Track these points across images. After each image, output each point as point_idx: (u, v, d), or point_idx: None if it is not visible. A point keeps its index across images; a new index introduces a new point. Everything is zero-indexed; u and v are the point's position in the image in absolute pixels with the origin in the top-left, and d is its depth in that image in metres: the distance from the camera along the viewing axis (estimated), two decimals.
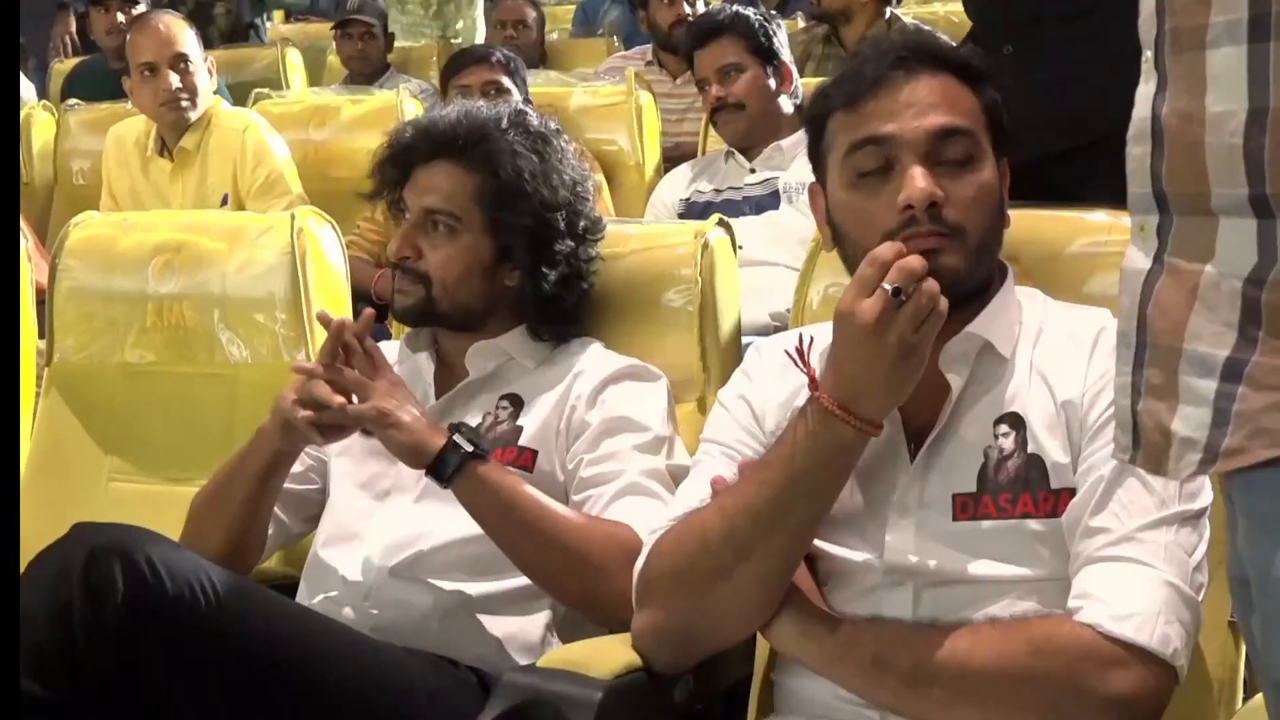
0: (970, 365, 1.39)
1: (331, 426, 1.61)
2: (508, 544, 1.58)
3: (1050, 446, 1.36)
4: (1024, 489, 1.35)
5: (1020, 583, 1.35)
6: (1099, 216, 1.72)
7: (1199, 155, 0.85)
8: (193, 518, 1.74)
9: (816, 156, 1.46)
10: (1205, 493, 1.33)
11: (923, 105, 1.37)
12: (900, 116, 1.37)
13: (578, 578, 1.57)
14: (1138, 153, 0.91)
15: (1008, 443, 1.37)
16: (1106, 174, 1.17)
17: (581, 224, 1.80)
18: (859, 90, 1.39)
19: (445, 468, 1.56)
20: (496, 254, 1.76)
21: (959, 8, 4.47)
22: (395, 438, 1.57)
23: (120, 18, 4.56)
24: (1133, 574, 1.27)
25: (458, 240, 1.75)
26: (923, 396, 1.39)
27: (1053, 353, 1.40)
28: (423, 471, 1.58)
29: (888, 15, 3.84)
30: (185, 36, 3.27)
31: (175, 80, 3.21)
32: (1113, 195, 1.08)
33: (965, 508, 1.36)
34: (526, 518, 1.56)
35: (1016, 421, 1.37)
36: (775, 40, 3.03)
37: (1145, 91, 0.91)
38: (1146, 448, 0.92)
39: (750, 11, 3.07)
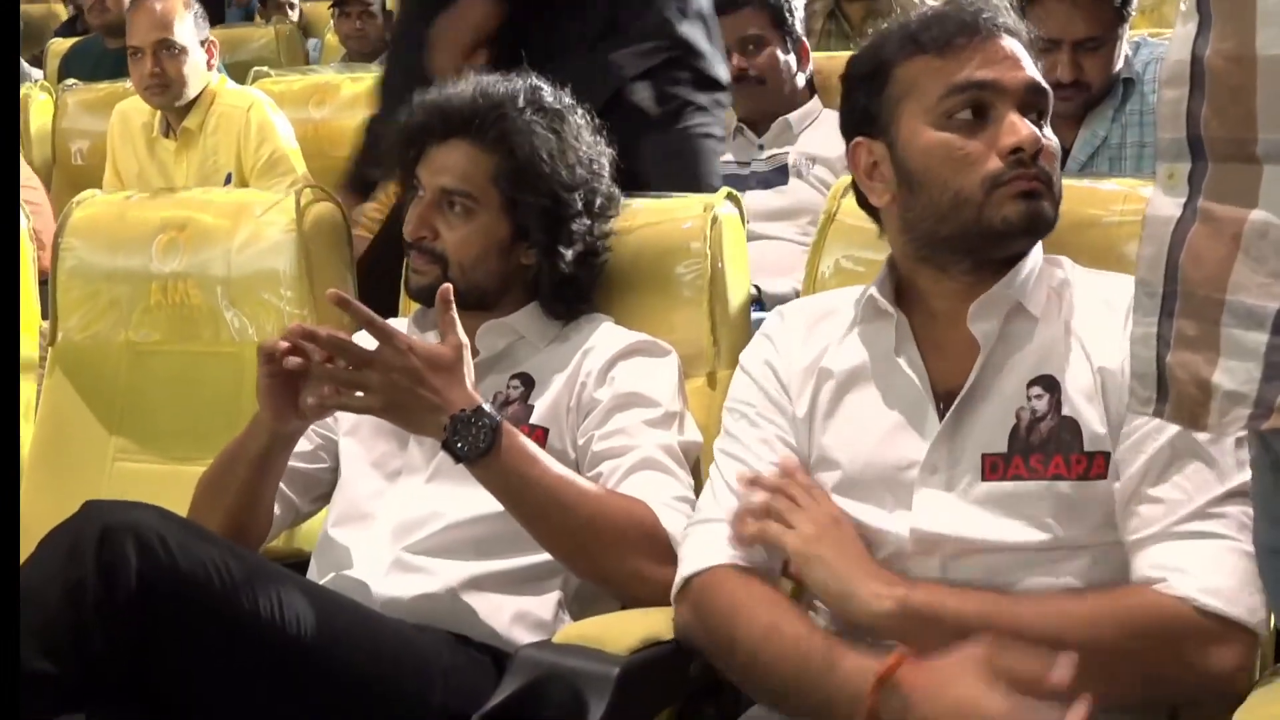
0: (999, 323, 1.40)
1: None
2: (526, 520, 1.57)
3: (1086, 410, 1.35)
4: (1056, 450, 1.35)
5: (1050, 549, 1.34)
6: (1110, 186, 1.71)
7: (1247, 99, 0.83)
8: (197, 499, 1.73)
9: (876, 105, 1.46)
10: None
11: (1014, 59, 1.42)
12: (999, 66, 1.41)
13: (594, 555, 1.56)
14: (1172, 96, 0.89)
15: (1041, 404, 1.37)
16: None
17: (598, 201, 1.79)
18: (955, 37, 1.42)
19: (454, 455, 1.52)
20: (513, 233, 1.75)
21: None
22: (400, 421, 1.56)
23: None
24: (1215, 548, 1.28)
25: (474, 220, 1.73)
26: (953, 356, 1.41)
27: (1087, 317, 1.40)
28: (437, 453, 1.56)
29: None
30: (177, 21, 3.25)
31: (151, 66, 3.19)
32: None
33: (995, 468, 1.36)
34: (545, 495, 1.54)
35: (1051, 384, 1.37)
36: (796, 16, 3.01)
37: (1184, 33, 0.88)
38: (1178, 401, 0.90)
39: None
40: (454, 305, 1.57)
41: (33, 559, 1.40)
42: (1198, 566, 1.27)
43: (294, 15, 5.70)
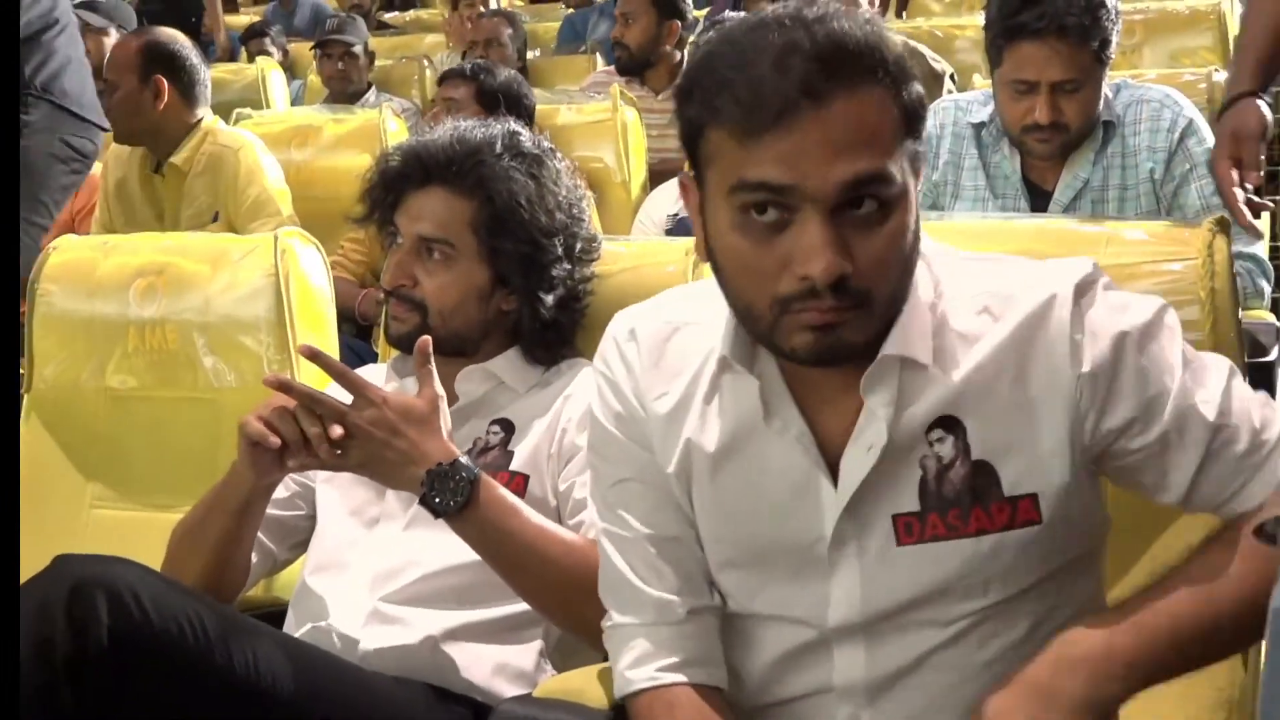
0: (896, 386, 1.21)
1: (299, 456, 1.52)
2: (505, 574, 1.55)
3: (997, 449, 1.20)
4: (974, 502, 1.20)
5: (991, 609, 1.23)
6: (1093, 228, 1.71)
7: None
8: (173, 547, 1.70)
9: (692, 152, 1.20)
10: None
11: (834, 146, 1.11)
12: (804, 161, 1.11)
13: (574, 603, 1.53)
14: None
15: (945, 449, 1.21)
16: None
17: (578, 245, 1.78)
18: (754, 121, 1.12)
19: (435, 512, 1.50)
20: (493, 280, 1.73)
21: (946, 21, 4.50)
22: (376, 477, 1.54)
23: (88, 40, 4.52)
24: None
25: (453, 267, 1.72)
26: (835, 409, 1.23)
27: (977, 340, 1.21)
28: (415, 500, 1.54)
29: None
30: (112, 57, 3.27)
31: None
32: None
33: (910, 529, 1.21)
34: (523, 550, 1.52)
35: (952, 424, 1.20)
36: None
37: None
38: None
39: None
40: (432, 358, 1.55)
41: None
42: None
43: (277, 56, 5.71)
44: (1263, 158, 2.10)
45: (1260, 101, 2.05)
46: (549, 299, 1.74)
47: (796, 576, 1.26)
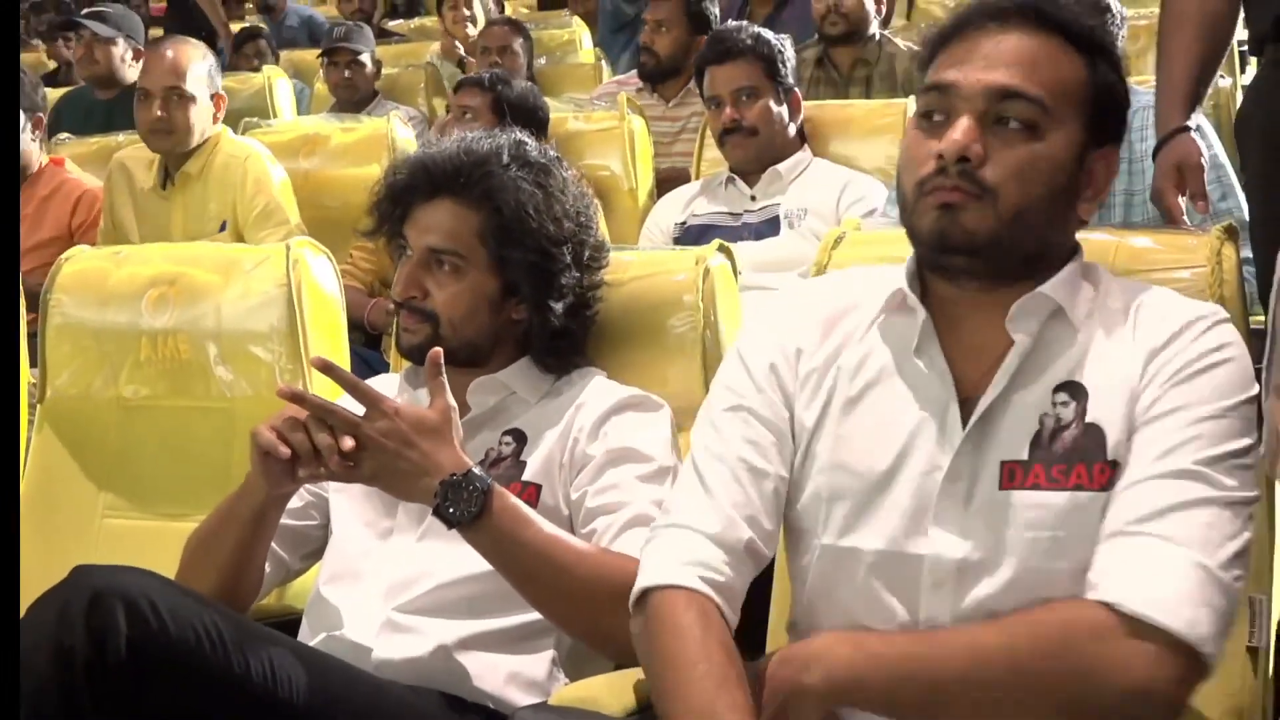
0: (1039, 327, 1.33)
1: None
2: (518, 584, 1.55)
3: (1111, 420, 1.29)
4: (1079, 460, 1.29)
5: (1063, 573, 1.27)
6: (1100, 236, 1.71)
7: None
8: (186, 557, 1.71)
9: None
10: (1254, 489, 1.27)
11: (996, 60, 1.32)
12: (968, 66, 1.32)
13: (587, 613, 1.54)
14: None
15: (1066, 412, 1.31)
16: None
17: (586, 253, 1.78)
18: (951, 31, 1.36)
19: (445, 521, 1.51)
20: (502, 289, 1.74)
21: None
22: (390, 489, 1.54)
23: (96, 50, 4.53)
24: (1160, 551, 1.21)
25: (463, 278, 1.72)
26: (976, 357, 1.35)
27: (1120, 328, 1.34)
28: (429, 511, 1.54)
29: (877, 37, 3.84)
30: (189, 69, 3.25)
31: (158, 110, 3.20)
32: None
33: (1013, 476, 1.30)
34: (537, 559, 1.53)
35: (1077, 390, 1.31)
36: (789, 67, 3.01)
37: None
38: (1266, 446, 0.90)
39: (770, 35, 3.04)
40: (443, 369, 1.56)
41: (22, 624, 1.38)
42: (1134, 571, 1.21)
43: (271, 64, 5.71)
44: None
45: (1194, 135, 2.09)
46: (559, 307, 1.74)
47: (904, 509, 1.33)
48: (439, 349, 1.57)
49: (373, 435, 1.50)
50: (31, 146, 3.49)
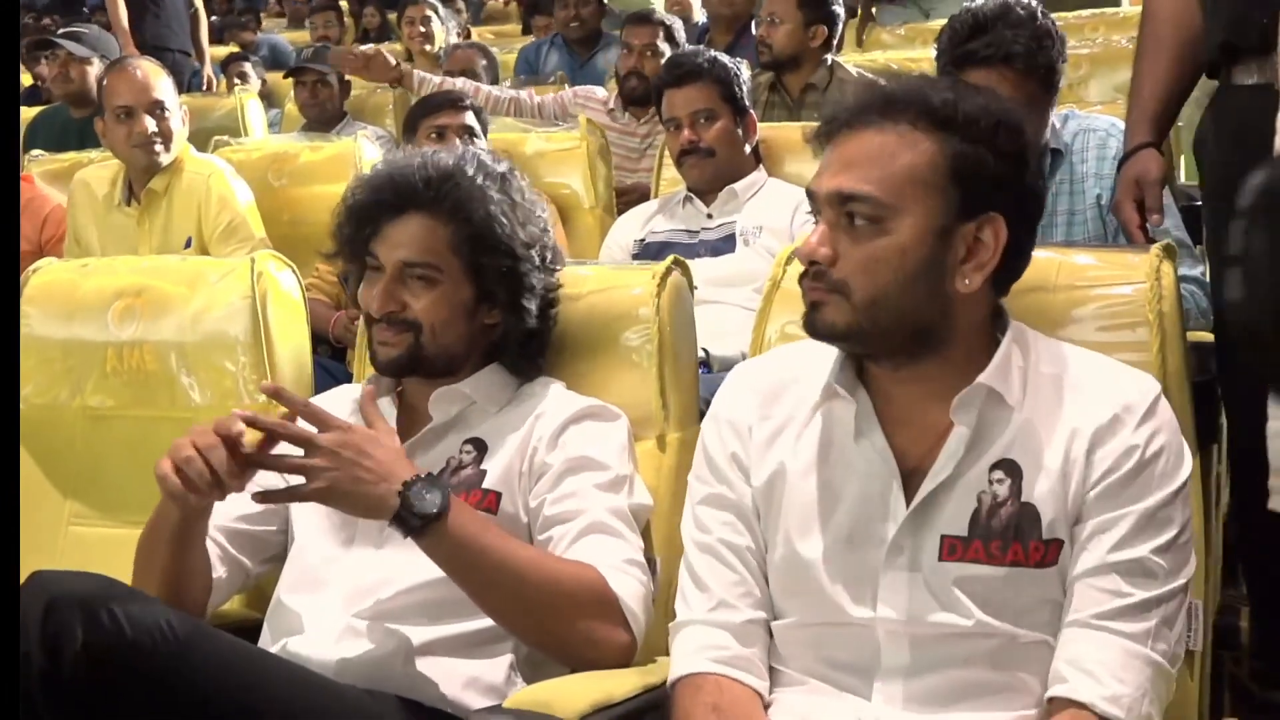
0: (978, 413, 1.38)
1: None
2: (474, 592, 1.53)
3: (1046, 497, 1.35)
4: (1015, 538, 1.35)
5: (1004, 640, 1.35)
6: (1045, 254, 1.71)
7: None
8: (135, 564, 1.67)
9: None
10: (1192, 563, 1.37)
11: (840, 164, 1.37)
12: (824, 172, 1.39)
13: (545, 623, 1.53)
14: None
15: (1003, 489, 1.36)
16: None
17: (548, 255, 1.78)
18: (825, 136, 1.42)
19: (405, 528, 1.49)
20: (476, 297, 1.73)
21: (901, 55, 4.51)
22: (341, 506, 1.52)
23: (71, 69, 4.48)
24: (1124, 650, 1.31)
25: (437, 287, 1.70)
26: (914, 434, 1.39)
27: (1055, 401, 1.39)
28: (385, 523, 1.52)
29: (829, 63, 3.85)
30: (162, 84, 3.23)
31: (152, 125, 3.17)
32: None
33: (954, 550, 1.36)
34: (493, 566, 1.51)
35: (1012, 468, 1.37)
36: (744, 90, 3.01)
37: None
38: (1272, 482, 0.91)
39: (727, 59, 3.03)
40: (376, 400, 1.60)
41: None
42: (1103, 668, 1.30)
43: (254, 86, 5.67)
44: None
45: (1158, 152, 2.10)
46: (532, 307, 1.74)
47: (852, 582, 1.39)
48: (371, 389, 1.56)
49: (327, 446, 1.48)
50: None
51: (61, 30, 4.80)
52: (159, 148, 3.18)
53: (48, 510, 2.17)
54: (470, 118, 3.20)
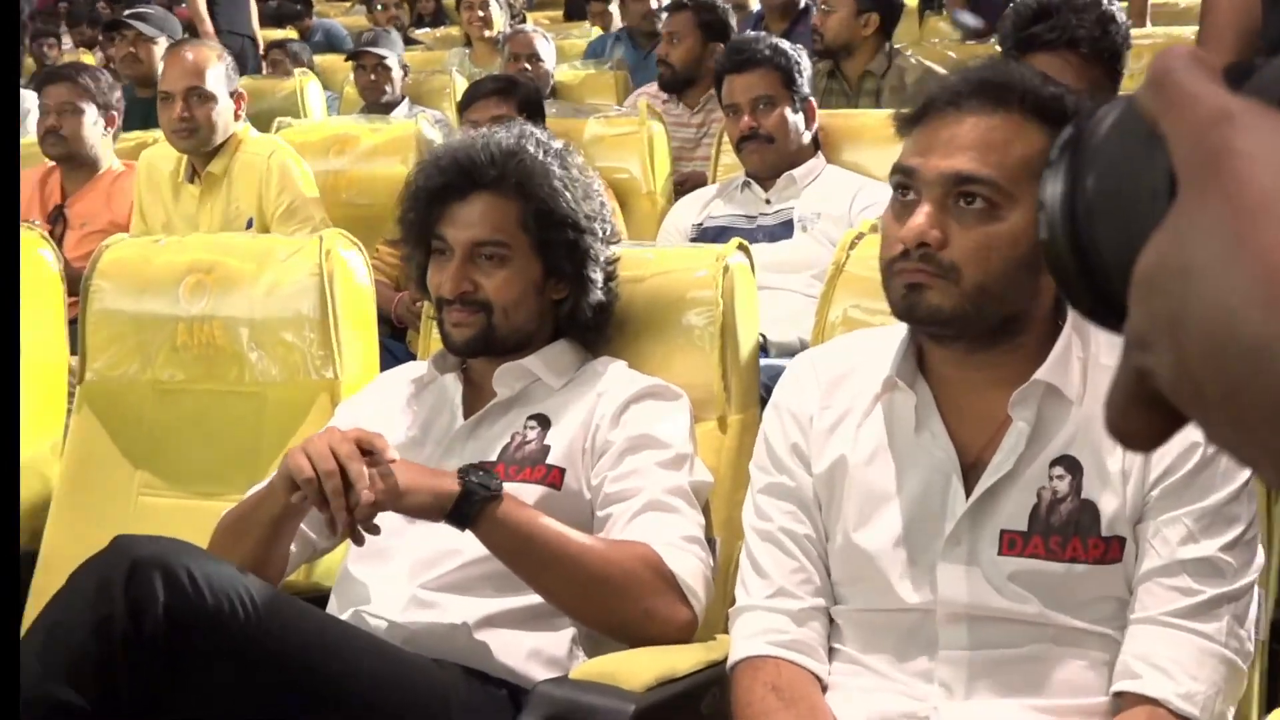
0: (1036, 409, 1.37)
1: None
2: (531, 577, 1.56)
3: (1106, 495, 1.35)
4: (1075, 533, 1.34)
5: (1063, 630, 1.35)
6: None
7: None
8: (216, 538, 1.69)
9: None
10: (1260, 557, 1.36)
11: (952, 146, 1.35)
12: (930, 152, 1.36)
13: (602, 603, 1.55)
14: None
15: (1062, 485, 1.36)
16: None
17: (608, 228, 1.81)
18: (915, 116, 1.40)
19: (463, 516, 1.51)
20: (544, 272, 1.75)
21: (959, 46, 4.49)
22: (408, 503, 1.50)
23: (139, 49, 4.54)
24: (1198, 648, 1.30)
25: (509, 265, 1.73)
26: (974, 426, 1.39)
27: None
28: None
29: (887, 49, 3.84)
30: (211, 70, 3.25)
31: (181, 110, 3.20)
32: None
33: (1013, 545, 1.36)
34: (547, 551, 1.54)
35: (1073, 465, 1.36)
36: (804, 77, 3.01)
37: None
38: None
39: (788, 46, 3.04)
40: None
41: (63, 592, 1.39)
42: (1177, 666, 1.29)
43: (299, 69, 5.72)
44: None
45: None
46: (599, 278, 1.76)
47: (907, 574, 1.39)
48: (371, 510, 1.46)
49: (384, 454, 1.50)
50: (104, 142, 3.54)
51: (128, 11, 4.86)
52: (189, 133, 3.21)
53: (119, 480, 2.21)
54: (510, 106, 3.20)
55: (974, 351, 1.40)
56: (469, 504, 1.49)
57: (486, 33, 5.52)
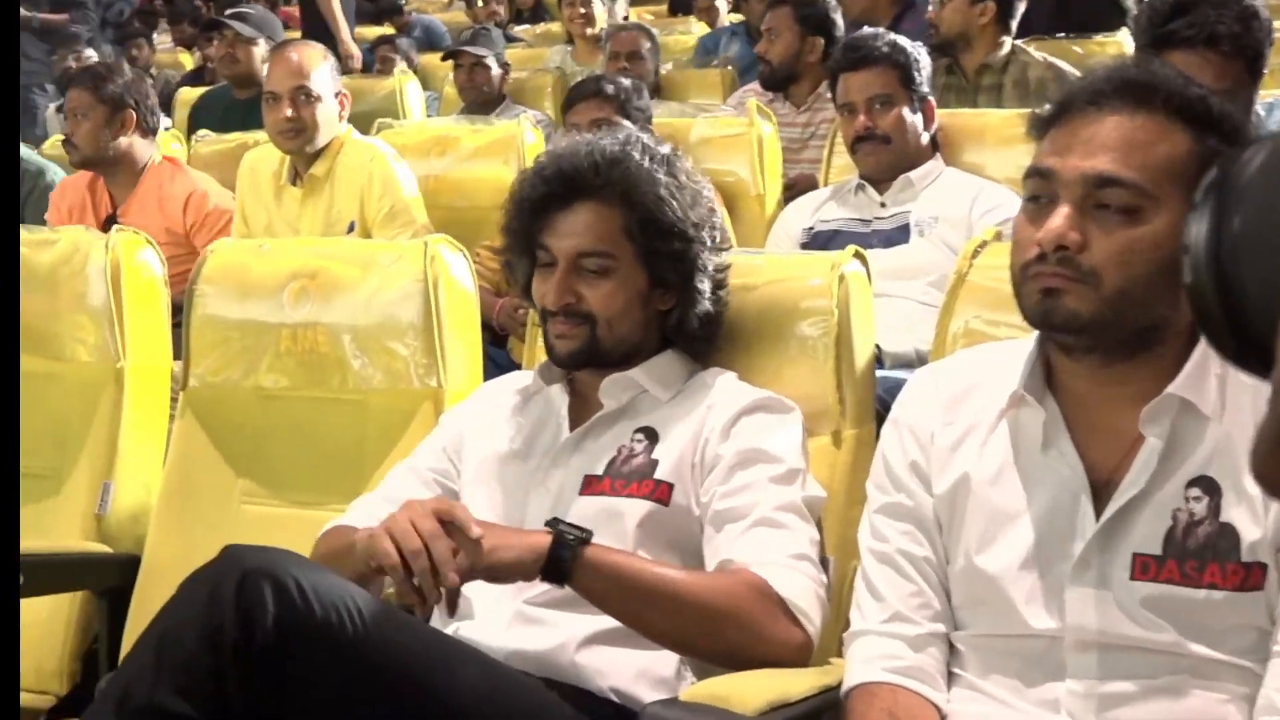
0: (1170, 425, 1.36)
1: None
2: (635, 619, 1.57)
3: (1246, 519, 1.32)
4: (1213, 558, 1.32)
5: (1200, 661, 1.32)
6: None
7: None
8: (324, 553, 1.73)
9: None
10: None
11: (1093, 146, 1.34)
12: (1069, 153, 1.34)
13: (712, 635, 1.55)
14: None
15: (1199, 507, 1.34)
16: None
17: (718, 235, 1.82)
18: (1052, 116, 1.38)
19: (561, 566, 1.51)
20: (650, 282, 1.77)
21: (1083, 40, 4.42)
22: (498, 568, 1.49)
23: (238, 50, 4.64)
24: None
25: (613, 276, 1.75)
26: (1104, 445, 1.37)
27: (1253, 411, 1.34)
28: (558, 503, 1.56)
29: (1008, 45, 3.79)
30: (317, 70, 3.31)
31: (289, 111, 3.26)
32: None
33: (1146, 569, 1.34)
34: (649, 589, 1.55)
35: (1211, 486, 1.34)
36: (924, 75, 2.98)
37: None
38: None
39: (906, 43, 3.02)
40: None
41: (172, 602, 1.43)
42: None
43: (403, 68, 5.81)
44: None
45: None
46: (706, 288, 1.77)
47: (1033, 599, 1.38)
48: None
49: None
50: (132, 141, 3.53)
51: (228, 11, 4.98)
52: (295, 134, 3.27)
53: (221, 488, 2.27)
54: (610, 108, 3.19)
55: (1108, 364, 1.38)
56: (565, 549, 1.50)
57: (589, 30, 5.57)
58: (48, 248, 2.52)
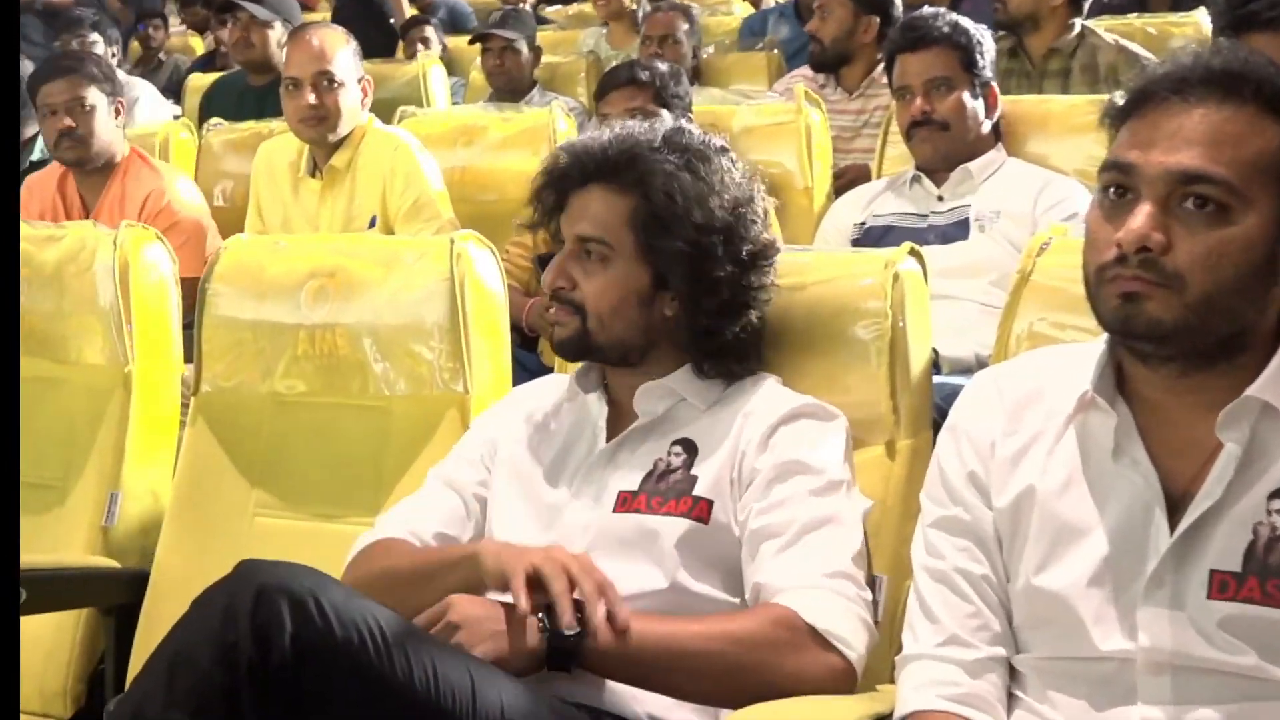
0: (1249, 431, 1.34)
1: None
2: (660, 685, 1.59)
3: None
4: None
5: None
6: None
7: None
8: (361, 572, 1.76)
9: None
10: None
11: (1179, 139, 1.32)
12: (1152, 147, 1.33)
13: (745, 681, 1.56)
14: None
15: None
16: None
17: (745, 248, 1.78)
18: (1131, 105, 1.37)
19: (567, 659, 1.55)
20: (652, 282, 1.77)
21: (1156, 20, 4.41)
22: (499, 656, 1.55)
23: (253, 34, 4.67)
24: None
25: (611, 268, 1.76)
26: (1179, 455, 1.36)
27: None
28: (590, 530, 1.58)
29: (1078, 27, 3.78)
30: (339, 55, 3.32)
31: (311, 98, 3.27)
32: None
33: (1225, 587, 1.33)
34: (667, 653, 1.57)
35: None
36: (987, 59, 2.97)
37: None
38: None
39: (969, 24, 3.00)
40: None
41: (186, 618, 1.45)
42: None
43: (434, 51, 5.83)
44: None
45: None
46: (711, 303, 1.76)
47: (1102, 619, 1.37)
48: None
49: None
50: (119, 135, 3.56)
51: None
52: (319, 123, 3.28)
53: (234, 499, 2.28)
54: (646, 97, 3.20)
55: (1188, 374, 1.37)
56: (563, 657, 1.55)
57: (626, 4, 5.55)
58: (53, 244, 2.54)
